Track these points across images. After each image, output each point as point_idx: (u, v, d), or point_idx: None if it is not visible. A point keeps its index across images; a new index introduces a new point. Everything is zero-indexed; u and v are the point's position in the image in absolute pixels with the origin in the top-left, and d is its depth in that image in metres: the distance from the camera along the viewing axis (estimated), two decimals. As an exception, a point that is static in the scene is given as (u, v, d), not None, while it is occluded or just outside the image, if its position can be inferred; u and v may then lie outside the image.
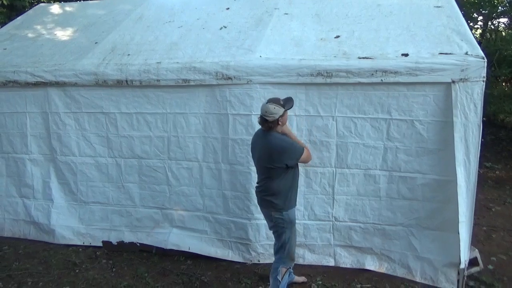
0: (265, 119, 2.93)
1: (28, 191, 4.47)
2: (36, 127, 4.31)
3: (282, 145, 2.95)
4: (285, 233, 3.09)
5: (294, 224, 3.14)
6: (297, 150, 2.98)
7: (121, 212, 4.27)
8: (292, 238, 3.13)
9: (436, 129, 3.36)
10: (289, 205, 3.07)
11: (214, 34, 4.22)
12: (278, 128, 3.01)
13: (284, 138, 3.01)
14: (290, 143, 2.99)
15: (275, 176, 3.00)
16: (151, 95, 3.94)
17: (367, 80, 3.38)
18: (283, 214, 3.04)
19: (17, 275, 3.85)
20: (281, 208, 3.04)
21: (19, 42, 4.84)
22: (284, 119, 3.01)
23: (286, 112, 3.02)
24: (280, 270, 3.12)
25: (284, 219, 3.05)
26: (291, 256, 3.18)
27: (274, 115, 2.89)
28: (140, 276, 3.76)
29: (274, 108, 2.89)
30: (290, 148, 2.97)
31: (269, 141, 2.97)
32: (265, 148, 3.00)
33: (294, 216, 3.14)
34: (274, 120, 2.91)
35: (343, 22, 4.04)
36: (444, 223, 3.42)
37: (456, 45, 3.36)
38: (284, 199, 3.04)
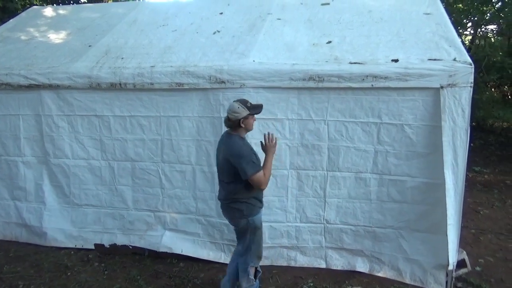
0: (227, 117, 2.91)
1: (21, 194, 4.45)
2: (29, 130, 4.31)
3: (239, 153, 2.84)
4: (249, 238, 3.05)
5: (260, 227, 3.08)
6: (248, 167, 2.79)
7: (114, 214, 4.27)
8: (257, 240, 3.09)
9: (425, 133, 3.43)
10: (254, 211, 3.01)
11: (208, 38, 4.27)
12: (242, 132, 2.95)
13: (243, 147, 2.88)
14: (245, 155, 2.82)
15: (237, 182, 2.91)
16: (145, 98, 3.96)
17: (358, 85, 3.45)
18: (248, 221, 2.99)
19: (8, 278, 3.82)
20: (246, 215, 2.98)
21: (12, 45, 4.84)
22: (247, 123, 2.93)
23: (252, 117, 2.95)
24: (250, 270, 3.09)
25: (249, 225, 3.00)
26: (258, 255, 3.16)
27: (236, 114, 2.85)
28: (132, 279, 3.76)
29: (238, 108, 2.86)
30: (244, 161, 2.81)
31: (229, 145, 2.91)
32: (225, 151, 2.92)
33: (260, 221, 3.08)
34: (235, 120, 2.86)
35: (335, 28, 4.11)
36: (433, 225, 3.48)
37: (445, 51, 3.44)
38: (247, 205, 2.98)
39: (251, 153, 2.91)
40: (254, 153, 2.94)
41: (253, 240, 3.06)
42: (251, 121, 2.97)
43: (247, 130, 3.00)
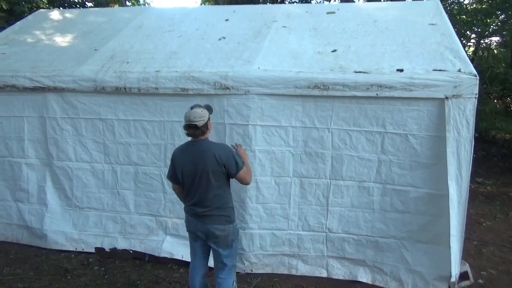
0: (195, 125, 2.76)
1: (23, 195, 4.45)
2: (33, 132, 4.31)
3: (224, 149, 2.86)
4: (235, 243, 3.02)
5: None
6: (239, 159, 2.86)
7: (115, 218, 4.26)
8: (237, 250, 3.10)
9: (429, 143, 3.43)
10: (235, 216, 3.03)
11: (213, 44, 4.29)
12: (208, 134, 2.90)
13: (222, 144, 2.99)
14: (228, 153, 2.84)
15: (226, 186, 2.90)
16: (149, 102, 3.97)
17: (362, 93, 3.45)
18: (233, 225, 2.96)
19: (8, 280, 3.81)
20: (233, 220, 2.96)
21: (18, 47, 4.86)
22: (210, 125, 2.90)
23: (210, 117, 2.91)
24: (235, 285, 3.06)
25: (234, 230, 2.97)
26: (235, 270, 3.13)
27: (203, 118, 2.78)
28: (132, 283, 3.74)
29: (201, 111, 2.79)
30: (233, 153, 2.86)
31: (207, 148, 2.82)
32: (203, 157, 2.79)
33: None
34: (204, 124, 2.79)
35: (340, 37, 4.13)
36: (436, 236, 3.47)
37: (450, 62, 3.45)
38: (232, 209, 2.98)
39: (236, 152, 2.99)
40: None
41: (236, 249, 3.05)
42: (211, 123, 2.92)
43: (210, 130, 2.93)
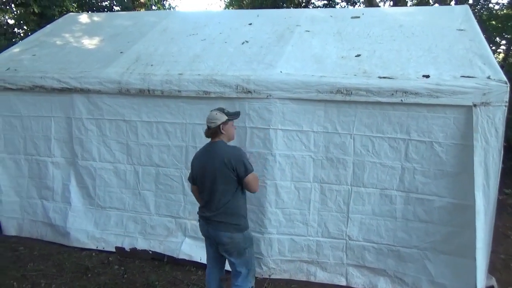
0: (207, 126, 2.86)
1: (48, 193, 4.57)
2: (60, 131, 4.43)
3: (238, 151, 2.85)
4: (248, 251, 2.95)
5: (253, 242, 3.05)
6: (248, 164, 2.81)
7: (136, 218, 4.32)
8: (253, 256, 3.03)
9: (455, 152, 3.33)
10: (248, 224, 2.98)
11: (236, 48, 4.30)
12: (223, 138, 2.88)
13: (235, 147, 2.92)
14: (244, 154, 2.86)
15: (230, 193, 2.82)
16: (171, 105, 4.02)
17: (387, 99, 3.38)
18: (244, 234, 2.89)
19: (32, 276, 3.91)
20: (243, 228, 2.90)
21: (48, 49, 5.01)
22: (227, 129, 2.87)
23: (231, 122, 2.90)
24: None
25: (245, 238, 2.91)
26: (254, 275, 3.05)
27: (216, 120, 2.81)
28: (150, 284, 3.78)
29: (216, 114, 2.82)
30: (244, 158, 2.81)
31: (218, 150, 2.82)
32: (218, 158, 2.78)
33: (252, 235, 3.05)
34: (215, 127, 2.81)
35: (365, 42, 4.08)
36: (461, 248, 3.35)
37: (478, 69, 3.35)
38: (243, 217, 2.92)
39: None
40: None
41: (251, 255, 2.98)
42: (231, 128, 2.91)
43: (229, 137, 2.92)
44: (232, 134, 2.95)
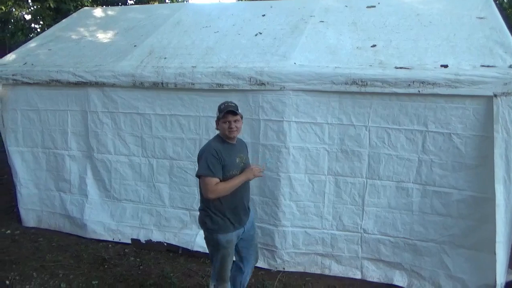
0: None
1: (65, 186, 4.64)
2: (76, 125, 4.49)
3: (201, 152, 2.71)
4: (214, 255, 2.84)
5: (226, 248, 2.76)
6: (200, 166, 2.63)
7: (151, 211, 4.36)
8: (222, 261, 2.80)
9: (475, 144, 3.24)
10: (222, 229, 2.73)
11: (249, 40, 4.27)
12: (221, 134, 2.76)
13: (207, 148, 2.68)
14: (204, 156, 2.63)
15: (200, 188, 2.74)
16: (185, 98, 4.02)
17: (403, 90, 3.31)
18: (212, 236, 2.76)
19: (50, 266, 3.99)
20: (211, 229, 2.75)
21: (63, 44, 5.07)
22: (219, 126, 2.73)
23: (222, 120, 2.68)
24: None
25: (214, 241, 2.76)
26: (221, 277, 2.87)
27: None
28: (165, 276, 3.81)
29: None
30: (201, 160, 2.65)
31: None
32: None
33: (226, 241, 2.75)
34: (216, 121, 2.78)
35: (381, 31, 3.99)
36: (480, 242, 3.28)
37: (499, 58, 3.24)
38: (213, 220, 2.73)
39: (214, 158, 2.60)
40: (217, 160, 2.61)
41: (216, 258, 2.82)
42: (222, 125, 2.69)
43: (223, 134, 2.73)
44: (223, 130, 2.71)
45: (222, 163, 2.64)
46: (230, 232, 2.76)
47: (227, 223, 2.75)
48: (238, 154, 2.79)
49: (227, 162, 2.67)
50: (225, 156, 2.67)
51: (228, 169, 2.67)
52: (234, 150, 2.78)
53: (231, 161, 2.70)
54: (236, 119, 2.69)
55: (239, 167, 2.76)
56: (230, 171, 2.69)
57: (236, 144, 2.82)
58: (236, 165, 2.73)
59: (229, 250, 2.79)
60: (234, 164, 2.72)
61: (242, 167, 2.78)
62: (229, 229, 2.76)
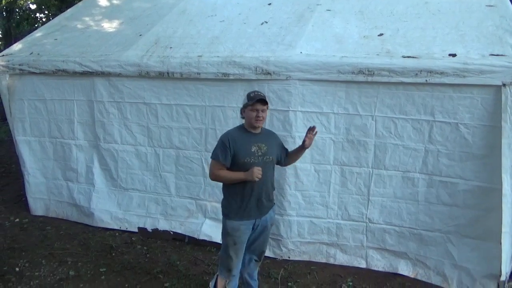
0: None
1: (72, 175, 4.69)
2: (82, 115, 4.51)
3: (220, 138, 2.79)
4: (223, 239, 2.87)
5: (232, 236, 2.77)
6: (214, 150, 2.75)
7: (157, 200, 4.39)
8: (226, 249, 2.83)
9: (482, 133, 3.22)
10: (230, 214, 2.77)
11: (255, 29, 4.24)
12: (246, 123, 2.79)
13: (225, 135, 2.76)
14: (220, 142, 2.74)
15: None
16: (191, 87, 4.02)
17: (410, 80, 3.28)
18: (224, 219, 2.82)
19: (59, 254, 4.05)
20: (223, 213, 2.83)
21: (69, 33, 5.06)
22: (246, 114, 2.74)
23: (250, 107, 2.69)
24: (217, 279, 2.93)
25: (223, 225, 2.83)
26: (226, 267, 2.88)
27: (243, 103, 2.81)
28: (172, 264, 3.86)
29: (244, 97, 2.84)
30: (217, 145, 2.76)
31: None
32: None
33: (232, 228, 2.76)
34: (241, 109, 2.83)
35: (388, 20, 3.94)
36: (486, 232, 3.28)
37: (509, 46, 3.20)
38: (225, 204, 2.82)
39: (224, 145, 2.69)
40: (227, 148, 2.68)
41: (223, 245, 2.88)
42: (249, 113, 2.70)
43: (248, 121, 2.75)
44: (249, 118, 2.72)
45: (232, 151, 2.68)
46: (237, 220, 2.76)
47: (236, 211, 2.76)
48: (256, 143, 2.76)
49: (239, 150, 2.69)
50: (240, 145, 2.70)
51: (240, 157, 2.68)
52: (253, 139, 2.76)
53: (245, 149, 2.70)
54: (263, 109, 2.72)
55: (256, 155, 2.74)
56: (243, 158, 2.69)
57: (259, 134, 2.80)
58: (251, 153, 2.72)
59: (234, 239, 2.78)
60: (248, 152, 2.71)
61: (260, 156, 2.76)
62: (236, 217, 2.76)
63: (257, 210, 2.82)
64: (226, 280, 2.89)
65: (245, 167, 2.68)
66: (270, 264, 3.83)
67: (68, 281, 3.59)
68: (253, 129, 2.77)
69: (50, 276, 3.67)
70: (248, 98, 2.72)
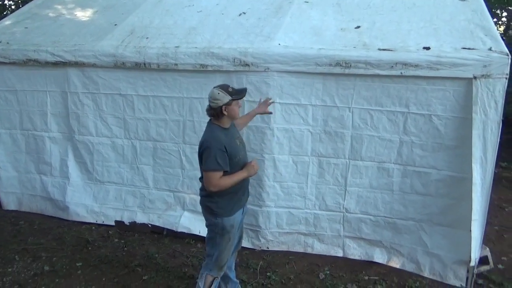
0: (209, 105, 2.65)
1: (46, 168, 4.56)
2: (56, 106, 4.38)
3: (209, 142, 2.56)
4: (216, 239, 2.76)
5: (229, 232, 2.73)
6: (208, 161, 2.52)
7: (134, 193, 4.34)
8: (222, 246, 2.76)
9: (454, 125, 3.32)
10: (224, 212, 2.70)
11: (233, 20, 4.20)
12: (224, 122, 2.65)
13: (215, 139, 2.57)
14: (212, 147, 2.52)
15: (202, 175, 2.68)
16: (168, 78, 3.96)
17: (386, 72, 3.34)
18: (217, 220, 2.70)
19: (32, 249, 3.96)
20: (215, 213, 2.70)
21: (40, 22, 4.89)
22: (230, 110, 2.61)
23: (236, 103, 2.63)
24: (206, 278, 2.85)
25: (219, 226, 2.71)
26: (219, 265, 2.82)
27: (217, 101, 2.56)
28: (150, 256, 3.84)
29: (218, 94, 2.56)
30: (208, 152, 2.53)
31: (205, 132, 2.68)
32: (201, 139, 2.68)
33: (231, 225, 2.72)
34: (216, 108, 2.58)
35: (365, 13, 3.98)
36: (457, 220, 3.40)
37: (480, 40, 3.29)
38: (218, 204, 2.69)
39: (221, 152, 2.54)
40: (224, 153, 2.56)
41: (217, 245, 2.76)
42: (235, 108, 2.63)
43: (232, 118, 2.68)
44: (236, 114, 2.68)
45: (228, 154, 2.59)
46: (233, 215, 2.74)
47: (231, 206, 2.73)
48: (236, 137, 2.77)
49: (232, 150, 2.63)
50: (230, 145, 2.63)
51: (233, 156, 2.63)
52: (232, 135, 2.75)
53: (234, 148, 2.67)
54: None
55: (240, 148, 2.75)
56: (236, 156, 2.66)
57: (230, 128, 2.76)
58: (239, 149, 2.72)
59: (231, 235, 2.76)
60: (237, 148, 2.70)
61: (242, 148, 2.78)
62: (233, 212, 2.74)
63: (244, 199, 2.89)
64: (216, 276, 2.87)
65: (239, 164, 2.68)
66: (249, 255, 3.86)
67: (43, 277, 3.52)
68: (228, 124, 2.71)
69: (24, 272, 3.59)
70: (233, 93, 2.62)
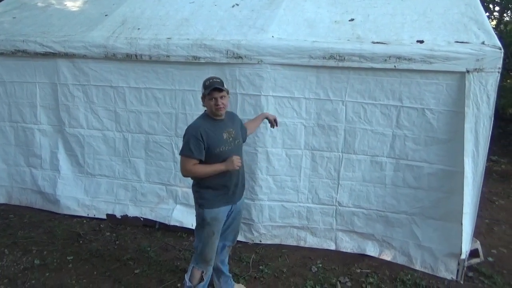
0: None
1: (36, 161, 4.50)
2: (45, 98, 4.31)
3: (186, 130, 2.63)
4: (200, 231, 2.74)
5: (210, 225, 2.68)
6: (183, 146, 2.59)
7: (126, 186, 4.30)
8: (205, 239, 2.72)
9: (446, 119, 3.33)
10: (206, 203, 2.68)
11: (226, 11, 4.15)
12: (209, 111, 2.65)
13: (192, 127, 2.62)
14: (188, 134, 2.58)
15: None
16: (160, 70, 3.91)
17: (380, 65, 3.33)
18: (199, 210, 2.70)
19: (23, 243, 3.91)
20: (199, 204, 2.71)
21: (29, 11, 4.79)
22: (205, 102, 2.63)
23: (207, 96, 2.58)
24: (192, 271, 2.82)
25: (200, 216, 2.70)
26: (203, 259, 2.78)
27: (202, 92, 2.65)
28: (142, 250, 3.81)
29: (202, 85, 2.65)
30: (184, 139, 2.60)
31: None
32: None
33: (212, 217, 2.68)
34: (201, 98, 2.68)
35: (358, 5, 3.96)
36: (448, 213, 3.42)
37: (473, 34, 3.29)
38: (201, 194, 2.69)
39: (196, 140, 2.54)
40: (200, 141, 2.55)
41: (200, 237, 2.74)
42: (208, 102, 2.60)
43: (210, 111, 2.65)
44: (209, 106, 2.62)
45: (205, 144, 2.56)
46: (216, 208, 2.69)
47: (214, 198, 2.69)
48: (225, 130, 2.69)
49: (212, 141, 2.59)
50: (212, 135, 2.60)
51: (214, 147, 2.60)
52: (221, 126, 2.69)
53: (217, 139, 2.62)
54: (222, 95, 2.59)
55: (228, 142, 2.68)
56: (217, 147, 2.61)
57: (224, 120, 2.72)
58: (224, 141, 2.65)
59: (213, 229, 2.71)
60: (221, 140, 2.64)
61: (231, 142, 2.71)
62: (215, 205, 2.69)
63: (234, 196, 2.80)
64: (203, 270, 2.83)
65: (221, 157, 2.62)
66: (241, 248, 3.85)
67: (33, 270, 3.48)
68: (217, 116, 2.68)
69: (13, 265, 3.55)
70: (204, 87, 2.61)
